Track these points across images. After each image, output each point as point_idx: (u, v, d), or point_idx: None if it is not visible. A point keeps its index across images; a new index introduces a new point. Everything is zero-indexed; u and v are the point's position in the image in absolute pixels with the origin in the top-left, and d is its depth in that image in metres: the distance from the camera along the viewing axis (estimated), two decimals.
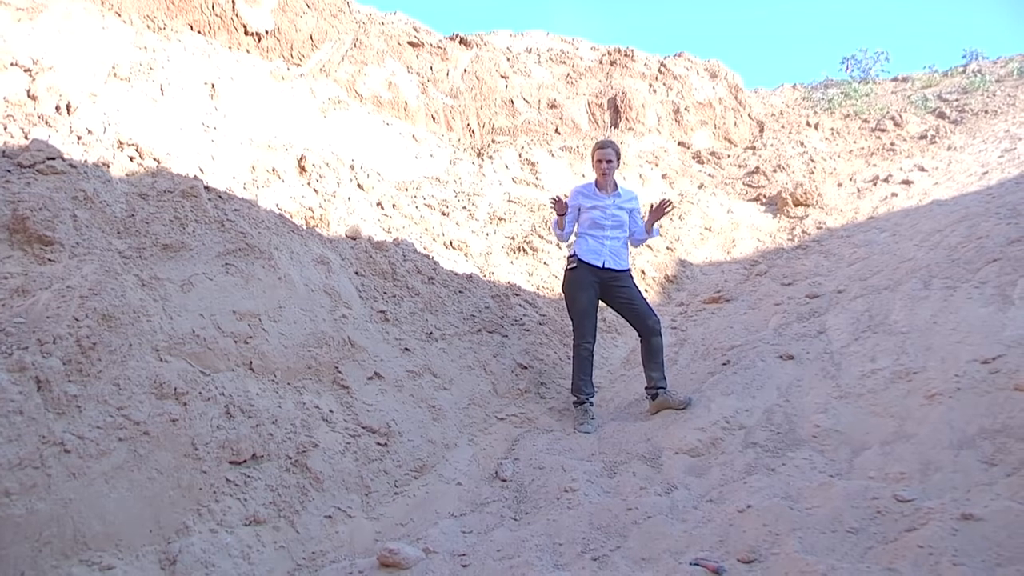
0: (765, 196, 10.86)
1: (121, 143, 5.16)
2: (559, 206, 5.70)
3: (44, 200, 4.21)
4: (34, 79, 5.17)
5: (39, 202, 4.18)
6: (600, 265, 5.65)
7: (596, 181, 5.83)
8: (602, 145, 5.81)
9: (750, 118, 13.83)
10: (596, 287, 5.66)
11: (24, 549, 3.04)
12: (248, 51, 7.70)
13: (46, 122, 4.91)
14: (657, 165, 11.20)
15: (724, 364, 5.82)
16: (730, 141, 13.14)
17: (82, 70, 5.57)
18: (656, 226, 5.96)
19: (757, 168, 11.67)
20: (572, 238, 5.93)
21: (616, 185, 5.86)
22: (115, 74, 5.79)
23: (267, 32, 7.93)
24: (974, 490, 3.39)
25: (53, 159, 4.53)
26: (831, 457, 4.16)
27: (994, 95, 13.82)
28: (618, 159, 5.82)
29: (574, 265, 5.70)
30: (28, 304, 3.70)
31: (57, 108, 5.13)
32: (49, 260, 4.01)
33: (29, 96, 5.07)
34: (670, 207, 5.83)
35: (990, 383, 4.17)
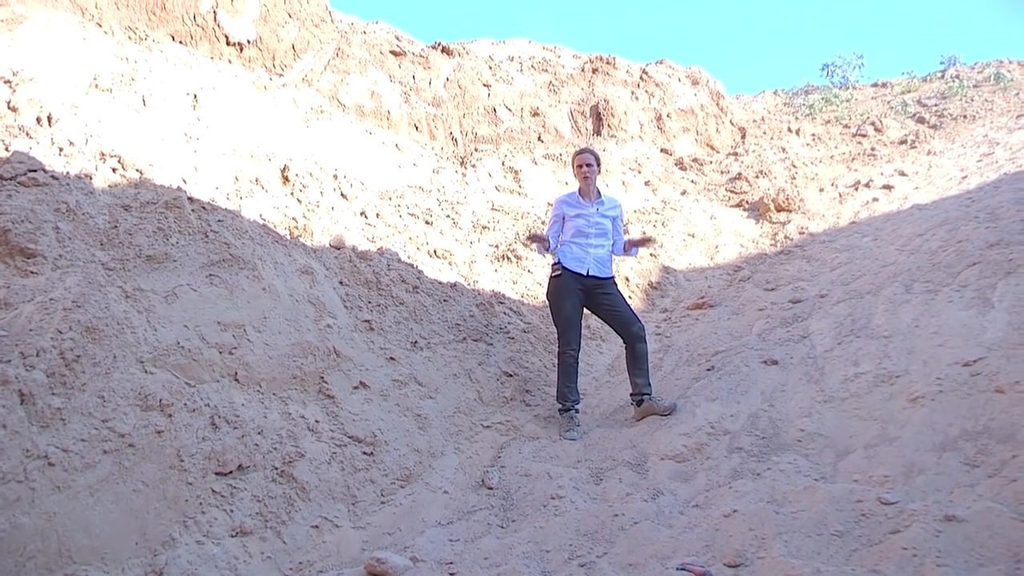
0: (747, 202, 10.92)
1: (103, 154, 5.14)
2: (538, 240, 5.80)
3: (26, 212, 4.19)
4: (14, 91, 5.14)
5: (21, 214, 4.16)
6: (584, 273, 5.67)
7: (579, 189, 5.86)
8: (581, 152, 5.85)
9: (732, 124, 13.91)
10: (580, 294, 5.67)
11: (8, 564, 3.01)
12: (230, 61, 7.69)
13: (27, 134, 4.88)
14: (640, 172, 11.25)
15: (709, 370, 5.85)
16: (712, 147, 13.21)
17: (63, 81, 5.54)
18: (634, 248, 6.04)
19: (739, 174, 11.74)
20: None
21: (599, 193, 5.89)
22: (96, 85, 5.76)
23: (249, 42, 7.91)
24: (957, 492, 3.43)
25: (35, 171, 4.51)
26: (815, 461, 4.19)
27: (972, 100, 13.99)
28: (598, 164, 5.85)
29: (558, 273, 5.71)
30: (11, 317, 3.68)
31: (38, 120, 5.10)
32: (32, 273, 3.99)
33: (9, 108, 5.04)
34: (652, 243, 5.93)
35: (971, 385, 4.21)
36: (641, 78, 13.24)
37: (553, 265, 5.82)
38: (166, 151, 5.67)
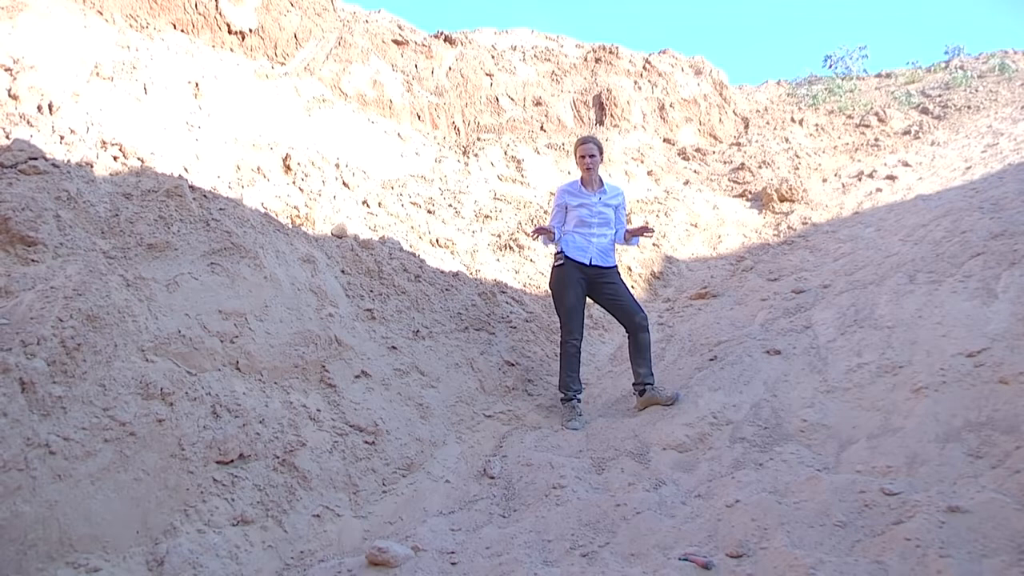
0: (750, 192, 10.89)
1: (104, 143, 5.12)
2: (543, 232, 5.74)
3: (27, 200, 4.18)
4: (15, 78, 5.12)
5: (21, 202, 4.14)
6: (587, 262, 5.65)
7: (581, 178, 5.83)
8: (584, 141, 5.80)
9: (735, 114, 13.86)
10: (583, 284, 5.65)
11: (9, 552, 3.01)
12: (232, 50, 7.66)
13: (28, 122, 4.87)
14: (643, 162, 11.22)
15: (711, 360, 5.83)
16: (715, 137, 13.17)
17: (64, 69, 5.52)
18: (634, 238, 6.00)
19: (742, 164, 11.70)
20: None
21: (602, 182, 5.86)
22: (98, 73, 5.74)
23: (251, 31, 7.89)
24: (960, 482, 3.42)
25: (35, 159, 4.50)
26: (818, 451, 4.18)
27: (976, 91, 13.94)
28: (601, 153, 5.81)
29: (561, 262, 5.69)
30: (11, 305, 3.67)
31: (39, 108, 5.08)
32: (32, 261, 3.98)
33: (10, 96, 5.02)
34: (650, 234, 5.96)
35: (975, 376, 4.19)
36: (644, 68, 13.19)
37: (556, 254, 5.79)
38: (167, 140, 5.66)
